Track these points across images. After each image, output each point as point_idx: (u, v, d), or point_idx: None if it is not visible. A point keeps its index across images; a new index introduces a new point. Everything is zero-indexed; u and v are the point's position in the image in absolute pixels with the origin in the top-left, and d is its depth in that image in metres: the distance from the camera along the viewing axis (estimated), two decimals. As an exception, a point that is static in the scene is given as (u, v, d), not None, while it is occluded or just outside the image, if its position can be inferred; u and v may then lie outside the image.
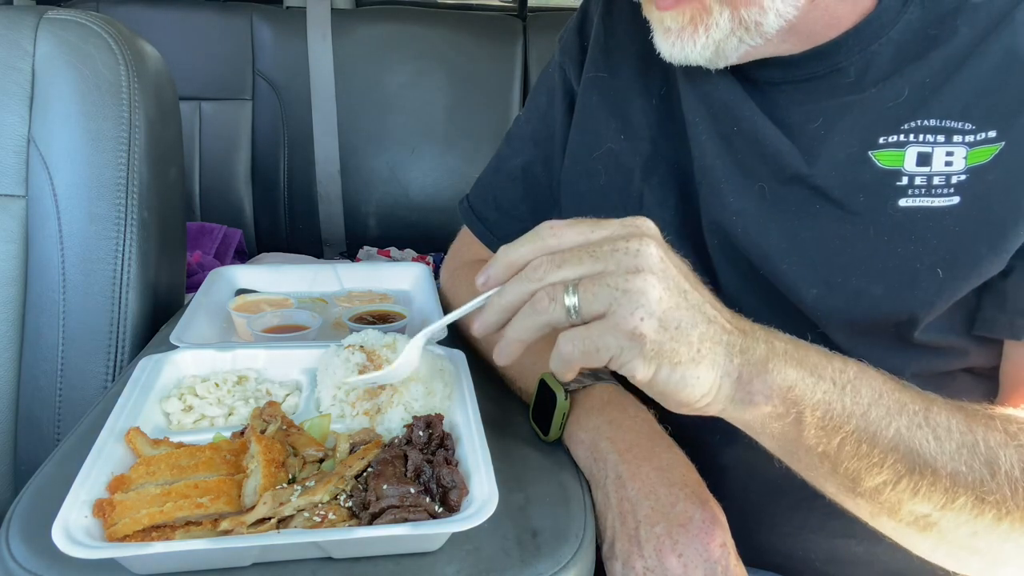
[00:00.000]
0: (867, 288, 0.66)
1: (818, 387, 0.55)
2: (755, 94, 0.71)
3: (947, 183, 0.63)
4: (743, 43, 0.65)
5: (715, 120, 0.73)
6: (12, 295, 0.99)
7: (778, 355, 0.55)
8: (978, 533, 0.56)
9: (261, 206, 2.02)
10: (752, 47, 0.66)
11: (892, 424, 0.55)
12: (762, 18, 0.63)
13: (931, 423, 0.55)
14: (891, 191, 0.65)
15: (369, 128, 2.01)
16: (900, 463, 0.55)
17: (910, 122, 0.65)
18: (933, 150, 0.64)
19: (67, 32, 1.00)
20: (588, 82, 0.84)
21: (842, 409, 0.55)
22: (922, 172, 0.64)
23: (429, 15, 2.10)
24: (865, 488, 0.56)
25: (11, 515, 0.60)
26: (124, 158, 0.99)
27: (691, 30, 0.65)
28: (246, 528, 0.56)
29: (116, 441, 0.64)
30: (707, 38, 0.65)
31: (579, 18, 0.90)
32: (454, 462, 0.64)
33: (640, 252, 0.52)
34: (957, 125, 0.63)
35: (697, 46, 0.65)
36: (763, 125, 0.70)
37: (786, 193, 0.69)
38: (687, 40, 0.65)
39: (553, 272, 0.53)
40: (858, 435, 0.55)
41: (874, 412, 0.55)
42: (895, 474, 0.55)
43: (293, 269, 1.13)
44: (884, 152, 0.65)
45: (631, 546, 0.62)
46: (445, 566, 0.57)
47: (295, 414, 0.72)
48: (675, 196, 0.77)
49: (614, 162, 0.81)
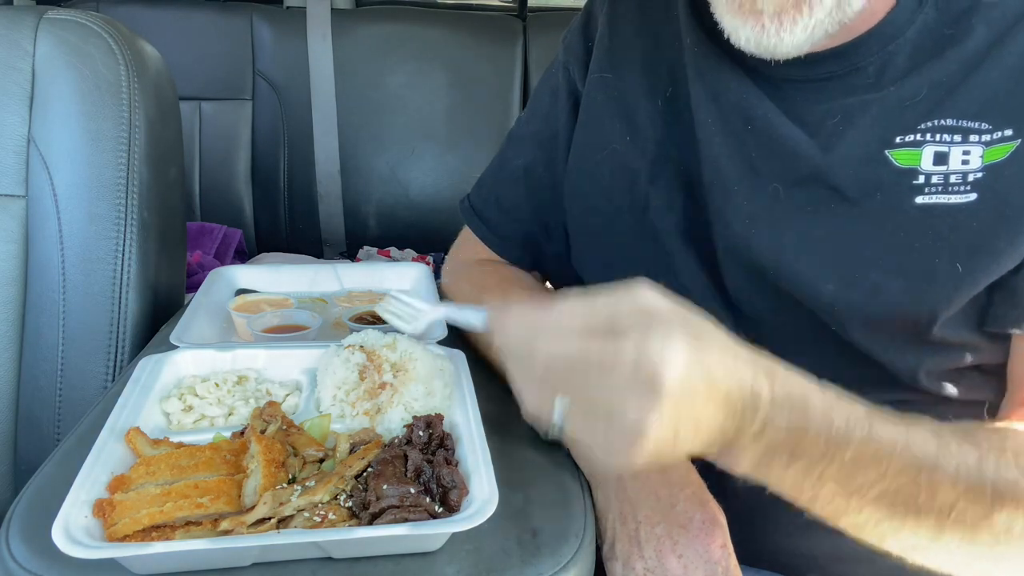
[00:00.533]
0: (886, 283, 0.66)
1: (793, 464, 0.52)
2: (771, 92, 0.71)
3: (964, 180, 0.63)
4: (833, 22, 0.61)
5: (727, 119, 0.72)
6: (12, 295, 0.99)
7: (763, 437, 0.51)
8: (972, 560, 0.56)
9: (261, 206, 2.02)
10: (832, 34, 0.63)
11: (876, 487, 0.53)
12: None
13: (934, 478, 0.53)
14: (908, 189, 0.65)
15: (369, 128, 2.01)
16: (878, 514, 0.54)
17: (927, 122, 0.65)
18: (950, 149, 0.64)
19: (67, 32, 1.00)
20: (593, 83, 0.84)
21: (820, 475, 0.53)
22: (939, 171, 0.64)
23: (429, 15, 2.10)
24: (843, 524, 0.56)
25: (11, 515, 0.60)
26: (124, 158, 0.99)
27: (794, 13, 0.59)
28: (246, 528, 0.56)
29: (116, 441, 0.64)
30: (811, 19, 0.59)
31: (583, 18, 0.89)
32: (454, 462, 0.64)
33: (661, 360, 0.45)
34: (973, 125, 0.63)
35: (797, 30, 0.60)
36: (779, 122, 0.69)
37: (801, 193, 0.69)
38: (786, 25, 0.60)
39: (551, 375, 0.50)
40: (832, 496, 0.54)
41: (860, 478, 0.53)
42: (874, 519, 0.54)
43: (293, 269, 1.13)
44: (901, 151, 0.65)
45: (631, 546, 0.62)
46: (445, 566, 0.57)
47: (295, 414, 0.72)
48: (682, 199, 0.76)
49: (619, 164, 0.80)
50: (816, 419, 0.51)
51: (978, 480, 0.54)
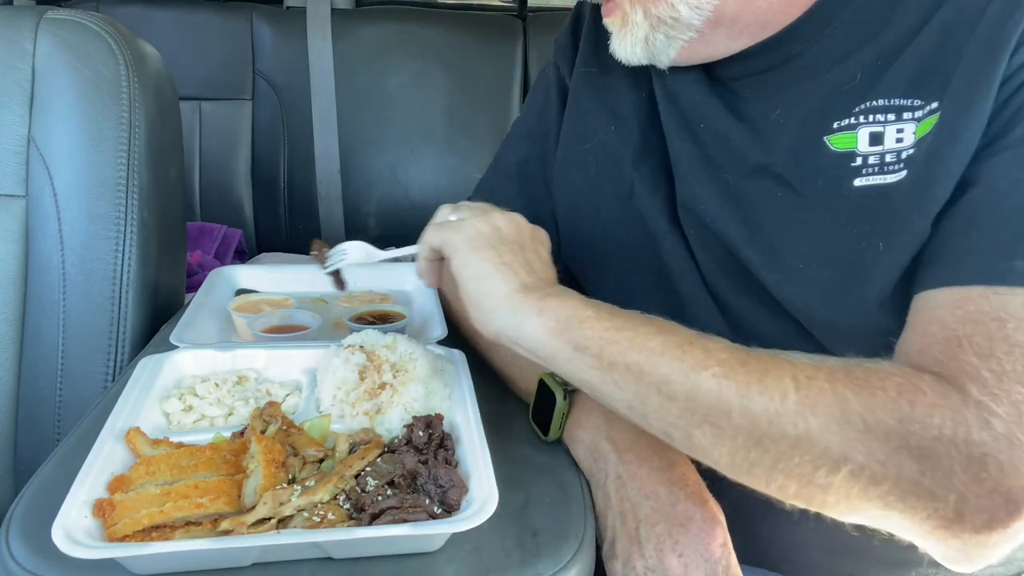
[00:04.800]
0: (819, 274, 0.66)
1: (588, 324, 0.59)
2: (721, 91, 0.74)
3: (898, 159, 0.63)
4: (672, 38, 0.69)
5: (684, 117, 0.76)
6: (12, 295, 0.99)
7: (563, 296, 0.62)
8: None
9: (261, 206, 2.02)
10: (688, 41, 0.69)
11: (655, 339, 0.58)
12: (674, 12, 0.67)
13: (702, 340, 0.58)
14: (846, 173, 0.65)
15: (369, 128, 2.00)
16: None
17: (861, 104, 0.65)
18: (884, 129, 0.64)
19: (67, 32, 1.00)
20: (579, 77, 0.87)
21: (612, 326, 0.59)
22: (875, 151, 0.64)
23: (429, 15, 2.10)
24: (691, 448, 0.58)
25: (11, 515, 0.60)
26: (124, 158, 0.99)
27: (622, 33, 0.72)
28: (246, 528, 0.56)
29: (116, 441, 0.64)
30: (633, 37, 0.71)
31: (572, 19, 0.92)
32: (454, 462, 0.64)
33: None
34: (905, 102, 0.63)
35: (627, 46, 0.72)
36: (726, 120, 0.72)
37: (749, 184, 0.71)
38: (622, 41, 0.72)
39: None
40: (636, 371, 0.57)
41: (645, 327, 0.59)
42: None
43: (293, 269, 1.13)
44: (838, 136, 0.66)
45: (631, 546, 0.62)
46: (445, 566, 0.57)
47: (295, 414, 0.72)
48: (665, 185, 0.79)
49: (605, 153, 0.82)
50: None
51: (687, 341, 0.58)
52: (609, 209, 0.82)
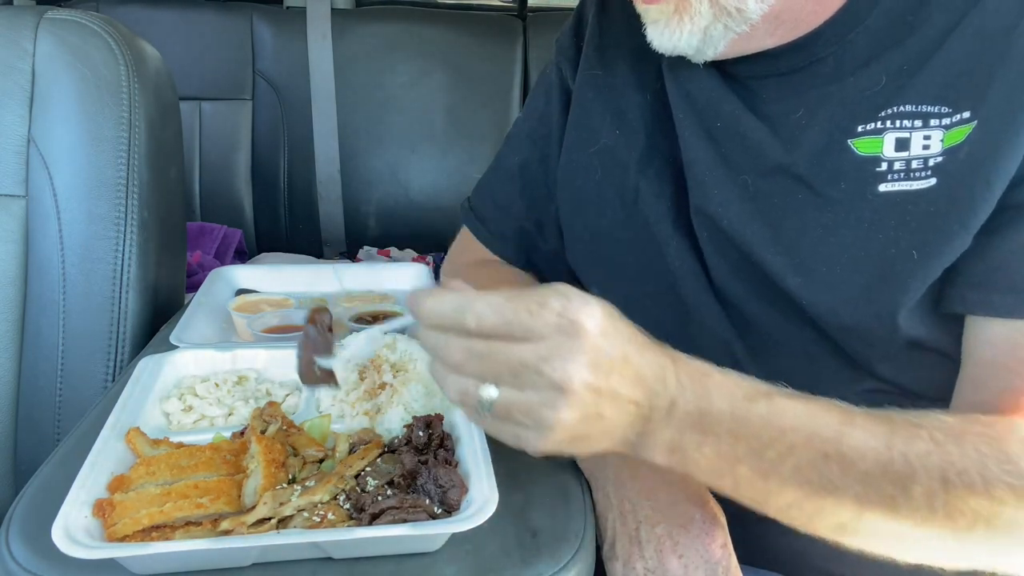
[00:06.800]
0: (845, 279, 0.66)
1: (705, 443, 0.54)
2: (738, 89, 0.72)
3: (925, 166, 0.63)
4: (729, 30, 0.66)
5: (700, 115, 0.74)
6: (12, 295, 0.99)
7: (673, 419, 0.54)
8: (902, 538, 0.57)
9: (261, 206, 2.02)
10: (739, 35, 0.67)
11: (787, 462, 0.54)
12: (741, 4, 0.64)
13: (842, 450, 0.55)
14: (870, 177, 0.65)
15: (369, 128, 2.00)
16: (798, 493, 0.55)
17: (887, 109, 0.65)
18: (911, 135, 0.64)
19: (67, 32, 1.00)
20: (583, 79, 0.85)
21: (732, 454, 0.54)
22: (901, 157, 0.64)
23: (429, 15, 2.10)
24: (771, 509, 0.57)
25: (11, 515, 0.60)
26: (124, 158, 0.99)
27: (676, 20, 0.66)
28: (246, 528, 0.56)
29: (116, 441, 0.64)
30: (692, 26, 0.66)
31: (575, 19, 0.91)
32: (454, 462, 0.64)
33: (564, 374, 0.49)
34: (933, 109, 0.63)
35: (684, 35, 0.67)
36: (745, 119, 0.71)
37: (769, 184, 0.70)
38: (674, 30, 0.67)
39: (468, 366, 0.51)
40: (750, 477, 0.55)
41: (770, 453, 0.54)
42: (796, 499, 0.55)
43: (293, 269, 1.13)
44: (863, 140, 0.66)
45: (632, 546, 0.62)
46: (445, 566, 0.57)
47: (295, 414, 0.72)
48: (671, 188, 0.78)
49: (610, 156, 0.81)
50: (718, 395, 0.54)
51: (887, 451, 0.54)
52: (614, 214, 0.81)
